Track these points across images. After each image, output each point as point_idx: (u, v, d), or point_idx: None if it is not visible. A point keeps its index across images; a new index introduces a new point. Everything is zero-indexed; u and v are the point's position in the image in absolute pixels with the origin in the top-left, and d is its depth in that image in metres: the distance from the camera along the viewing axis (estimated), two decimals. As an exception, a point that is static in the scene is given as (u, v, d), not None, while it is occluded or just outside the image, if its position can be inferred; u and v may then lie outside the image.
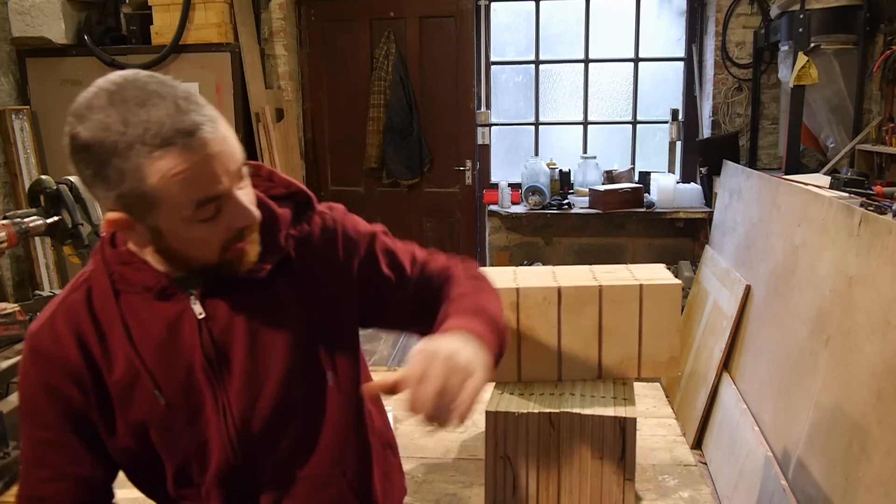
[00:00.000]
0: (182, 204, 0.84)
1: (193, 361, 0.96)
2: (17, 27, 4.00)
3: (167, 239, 0.89)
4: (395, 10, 4.40)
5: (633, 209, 4.25)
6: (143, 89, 0.83)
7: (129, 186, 0.83)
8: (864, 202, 2.59)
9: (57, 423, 0.97)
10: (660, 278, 1.35)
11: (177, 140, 0.81)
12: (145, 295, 0.96)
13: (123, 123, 0.81)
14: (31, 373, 0.98)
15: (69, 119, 0.87)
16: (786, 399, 2.45)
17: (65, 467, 0.98)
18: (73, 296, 0.99)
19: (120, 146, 0.81)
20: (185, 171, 0.82)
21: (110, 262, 0.97)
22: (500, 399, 1.27)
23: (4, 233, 1.78)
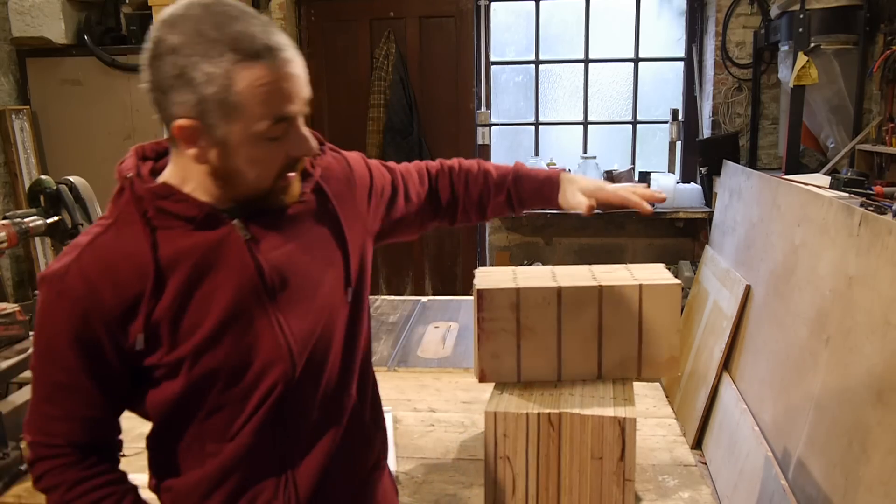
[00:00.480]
0: (259, 116, 0.88)
1: (243, 282, 0.97)
2: (17, 27, 4.00)
3: (231, 154, 0.91)
4: (395, 10, 4.40)
5: (633, 209, 4.24)
6: (234, 6, 0.89)
7: (213, 90, 0.86)
8: (864, 202, 2.59)
9: (77, 368, 0.96)
10: (660, 278, 1.35)
11: (265, 54, 0.86)
12: (185, 227, 0.95)
13: (217, 31, 0.86)
14: (57, 316, 0.94)
15: (157, 26, 0.89)
16: (786, 399, 2.45)
17: (76, 409, 0.98)
18: (102, 238, 0.96)
19: (212, 51, 0.85)
20: (270, 85, 0.87)
21: (144, 198, 0.95)
22: (500, 399, 1.27)
23: (4, 233, 1.77)
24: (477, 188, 1.29)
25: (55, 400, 0.97)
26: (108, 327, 0.94)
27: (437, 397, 1.81)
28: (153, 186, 0.96)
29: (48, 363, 0.97)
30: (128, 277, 0.94)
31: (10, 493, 1.38)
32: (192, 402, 0.99)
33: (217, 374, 0.97)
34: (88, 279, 0.93)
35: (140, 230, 0.95)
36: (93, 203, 2.02)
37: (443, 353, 2.09)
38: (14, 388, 1.66)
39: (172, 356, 0.96)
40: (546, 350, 1.33)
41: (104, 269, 0.94)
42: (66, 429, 0.98)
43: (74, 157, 4.15)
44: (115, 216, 0.97)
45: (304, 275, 1.02)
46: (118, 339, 0.95)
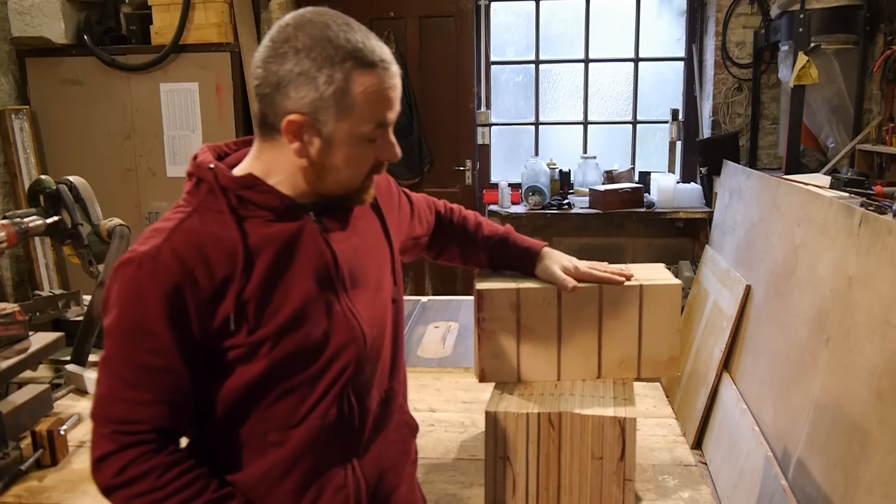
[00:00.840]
0: (366, 118, 0.97)
1: (320, 269, 1.04)
2: (17, 27, 4.00)
3: (332, 151, 0.99)
4: (395, 10, 4.39)
5: (633, 209, 4.25)
6: (354, 21, 1.00)
7: (333, 91, 0.95)
8: (864, 202, 2.59)
9: (169, 349, 0.96)
10: (660, 278, 1.35)
11: (379, 64, 0.97)
12: (266, 216, 1.01)
13: (342, 39, 0.96)
14: (150, 296, 0.94)
15: (283, 27, 0.98)
16: (786, 399, 2.45)
17: (165, 393, 0.97)
18: (188, 222, 0.99)
19: (336, 56, 0.95)
20: (379, 92, 0.97)
21: (229, 188, 1.00)
22: (500, 399, 1.27)
23: (4, 233, 1.77)
24: (468, 236, 1.41)
25: (142, 384, 0.96)
26: (199, 307, 0.96)
27: (437, 397, 1.81)
28: (239, 177, 1.01)
29: (136, 346, 0.96)
30: (218, 258, 0.97)
31: (10, 493, 1.38)
32: (265, 387, 1.01)
33: (295, 356, 1.01)
34: (182, 259, 0.96)
35: (226, 217, 0.99)
36: (93, 203, 2.02)
37: (443, 353, 2.09)
38: (14, 388, 1.66)
39: (256, 336, 0.99)
40: (546, 350, 1.33)
41: (196, 250, 0.97)
42: (152, 413, 0.97)
43: (74, 157, 4.15)
44: (196, 205, 1.01)
45: (366, 268, 1.12)
46: (206, 321, 0.97)
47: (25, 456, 1.45)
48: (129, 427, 0.97)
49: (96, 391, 0.99)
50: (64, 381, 1.86)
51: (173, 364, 0.97)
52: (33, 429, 1.47)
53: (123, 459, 0.96)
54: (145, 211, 4.21)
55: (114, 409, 0.97)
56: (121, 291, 0.96)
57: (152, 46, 4.07)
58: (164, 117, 4.14)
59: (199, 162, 1.04)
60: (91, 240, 1.97)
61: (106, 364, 0.98)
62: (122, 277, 0.96)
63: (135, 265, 0.95)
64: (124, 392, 0.97)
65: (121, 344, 0.96)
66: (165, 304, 0.94)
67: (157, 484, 0.96)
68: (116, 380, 0.97)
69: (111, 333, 0.97)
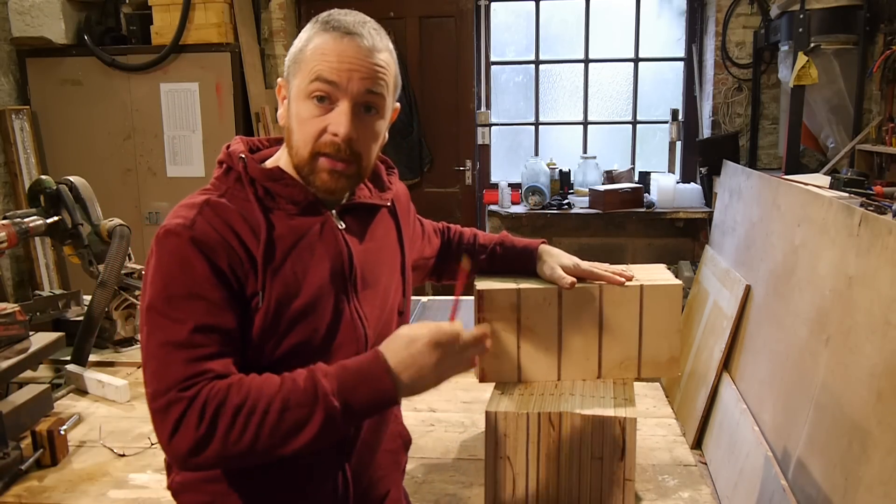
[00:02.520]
0: (308, 72, 1.01)
1: (335, 266, 1.06)
2: (17, 27, 4.00)
3: (291, 112, 1.04)
4: (395, 10, 4.39)
5: (633, 209, 4.25)
6: (362, 14, 1.09)
7: (296, 49, 1.05)
8: (864, 202, 2.60)
9: (221, 308, 0.96)
10: (660, 278, 1.35)
11: (340, 30, 1.02)
12: (289, 209, 1.05)
13: (330, 13, 1.05)
14: (194, 259, 0.96)
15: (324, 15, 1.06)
16: (786, 399, 2.45)
17: (223, 346, 0.96)
18: (217, 200, 1.02)
19: (314, 23, 1.05)
20: (328, 52, 1.01)
21: (257, 178, 1.04)
22: (500, 399, 1.27)
23: (4, 233, 1.77)
24: (467, 245, 1.44)
25: (199, 342, 0.94)
26: (235, 272, 0.98)
27: (437, 397, 1.81)
28: (267, 169, 1.06)
29: (188, 310, 0.95)
30: (246, 235, 1.00)
31: (10, 493, 1.38)
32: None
33: (299, 348, 1.02)
34: (216, 229, 0.99)
35: (252, 206, 1.03)
36: (93, 203, 2.02)
37: (443, 353, 2.09)
38: (14, 388, 1.66)
39: (270, 321, 0.99)
40: (546, 350, 1.33)
41: (227, 224, 1.00)
42: (219, 365, 0.95)
43: (74, 157, 4.15)
44: (224, 190, 1.05)
45: (378, 274, 1.13)
46: (242, 287, 0.98)
47: (25, 456, 1.45)
48: (193, 380, 0.92)
49: (146, 372, 0.96)
50: (64, 381, 1.86)
51: (228, 322, 0.97)
52: (33, 429, 1.47)
53: (200, 402, 0.91)
54: (145, 211, 4.21)
55: (171, 373, 0.93)
56: (162, 261, 0.97)
57: (152, 46, 4.07)
58: (164, 117, 4.14)
59: (230, 151, 1.08)
60: (91, 240, 1.97)
61: (152, 336, 0.95)
62: (162, 248, 0.98)
63: (174, 235, 0.97)
64: (180, 353, 0.93)
65: (171, 312, 0.95)
66: (210, 266, 0.96)
67: (245, 390, 0.92)
68: (168, 347, 0.94)
69: (158, 303, 0.96)
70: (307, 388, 0.93)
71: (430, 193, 4.63)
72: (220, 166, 1.09)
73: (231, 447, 0.90)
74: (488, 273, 1.40)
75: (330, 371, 0.95)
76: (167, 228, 0.99)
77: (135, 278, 2.05)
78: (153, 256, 0.99)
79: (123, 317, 2.07)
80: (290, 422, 0.91)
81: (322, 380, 0.93)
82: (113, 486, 1.40)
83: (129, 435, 1.60)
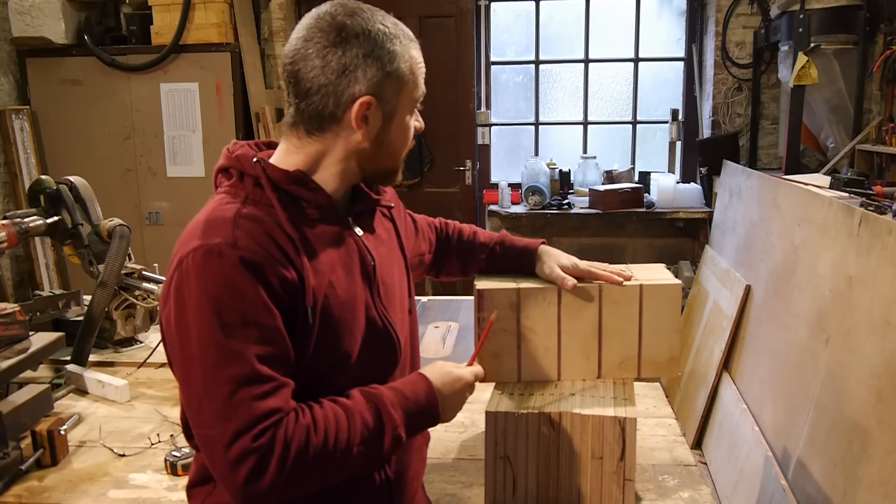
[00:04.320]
0: (415, 88, 1.06)
1: (362, 274, 1.05)
2: (17, 27, 4.00)
3: (391, 126, 1.04)
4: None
5: (633, 209, 4.25)
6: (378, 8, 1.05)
7: (396, 65, 1.01)
8: (864, 202, 2.59)
9: (278, 333, 0.91)
10: (660, 278, 1.35)
11: (415, 40, 1.07)
12: (311, 214, 1.01)
13: (391, 22, 1.04)
14: (244, 284, 0.89)
15: (334, 13, 0.99)
16: (786, 399, 2.45)
17: (282, 378, 0.92)
18: (246, 210, 0.95)
19: (391, 34, 1.02)
20: (421, 63, 1.07)
21: (281, 183, 0.99)
22: (500, 399, 1.27)
23: (4, 233, 1.78)
24: (464, 245, 1.43)
25: (262, 376, 0.89)
26: (286, 289, 0.93)
27: (437, 397, 1.81)
28: (290, 172, 1.00)
29: (244, 338, 0.88)
30: (289, 247, 0.95)
31: (10, 493, 1.38)
32: (313, 392, 0.98)
33: (343, 360, 1.00)
34: (261, 244, 0.92)
35: (276, 212, 0.97)
36: (93, 203, 2.02)
37: (443, 353, 2.09)
38: (14, 388, 1.66)
39: (316, 339, 0.96)
40: (546, 350, 1.33)
41: (269, 237, 0.94)
42: (282, 400, 0.91)
43: (74, 157, 4.15)
44: (244, 197, 0.98)
45: (392, 277, 1.13)
46: (294, 304, 0.94)
47: (25, 456, 1.45)
48: (265, 423, 0.88)
49: (202, 411, 0.89)
50: (64, 381, 1.86)
51: (284, 347, 0.92)
52: (33, 429, 1.47)
53: (277, 454, 0.88)
54: (145, 211, 4.21)
55: (239, 415, 0.87)
56: (207, 286, 0.88)
57: (152, 46, 4.07)
58: (164, 117, 4.15)
59: (239, 156, 1.01)
60: (91, 240, 1.97)
61: (207, 372, 0.88)
62: (204, 272, 0.89)
63: (216, 255, 0.89)
64: (245, 391, 0.88)
65: (225, 341, 0.88)
66: (262, 288, 0.90)
67: (321, 439, 0.91)
68: (230, 383, 0.87)
69: (207, 333, 0.88)
70: (377, 423, 0.97)
71: (430, 193, 4.63)
72: (227, 173, 1.02)
73: (311, 487, 0.94)
74: (487, 272, 1.40)
75: (395, 401, 0.99)
76: (206, 249, 0.90)
77: (135, 278, 2.05)
78: (191, 281, 0.89)
79: (123, 317, 2.07)
80: (363, 458, 0.96)
81: (392, 411, 0.98)
82: (113, 486, 1.40)
83: (129, 435, 1.60)
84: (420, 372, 1.07)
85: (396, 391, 1.01)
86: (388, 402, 0.98)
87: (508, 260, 1.39)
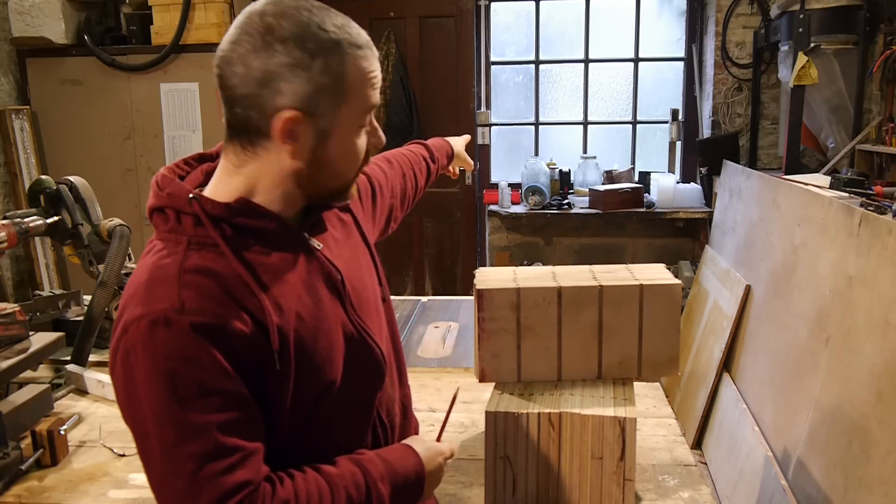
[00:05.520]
0: (361, 103, 0.91)
1: (331, 292, 0.98)
2: (17, 27, 4.00)
3: (329, 144, 0.90)
4: (395, 10, 4.39)
5: (633, 209, 4.25)
6: (328, 7, 0.91)
7: (329, 79, 0.87)
8: (864, 202, 2.59)
9: (240, 399, 0.84)
10: (660, 278, 1.35)
11: (366, 46, 0.92)
12: (261, 242, 0.91)
13: (329, 23, 0.88)
14: (198, 351, 0.81)
15: (263, 12, 0.86)
16: (786, 399, 2.45)
17: (251, 444, 0.85)
18: (190, 262, 0.86)
19: (331, 41, 0.87)
20: (369, 74, 0.92)
21: (222, 217, 0.89)
22: (500, 399, 1.27)
23: (4, 233, 1.77)
24: (411, 164, 1.57)
25: (228, 447, 0.82)
26: (247, 347, 0.85)
27: (437, 397, 1.81)
28: (231, 203, 0.90)
29: (203, 409, 0.82)
30: (244, 294, 0.86)
31: (10, 493, 1.38)
32: (304, 431, 0.94)
33: (327, 390, 0.94)
34: (211, 299, 0.84)
35: (226, 252, 0.88)
36: (93, 203, 2.02)
37: (443, 353, 2.09)
38: (14, 388, 1.66)
39: (292, 383, 0.90)
40: (546, 350, 1.33)
41: (218, 289, 0.85)
42: (253, 468, 0.84)
43: (74, 157, 4.15)
44: (185, 243, 0.88)
45: (361, 277, 1.06)
46: (255, 360, 0.86)
47: (25, 456, 1.45)
48: (236, 498, 0.82)
49: (164, 491, 0.83)
50: (64, 381, 1.86)
51: (249, 412, 0.86)
52: (33, 429, 1.47)
53: None
54: (145, 211, 4.21)
55: (206, 493, 0.81)
56: (157, 359, 0.81)
57: (152, 46, 4.07)
58: (164, 117, 4.14)
59: (171, 193, 0.92)
60: (91, 240, 1.97)
61: (167, 451, 0.82)
62: (152, 343, 0.81)
63: (162, 324, 0.81)
64: (210, 467, 0.81)
65: (183, 416, 0.81)
66: (218, 353, 0.82)
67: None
68: (192, 460, 0.81)
69: (162, 410, 0.81)
70: (363, 499, 0.92)
71: (430, 193, 4.57)
72: (162, 213, 0.92)
73: None
74: None
75: (384, 474, 0.95)
76: (151, 318, 0.82)
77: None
78: (137, 354, 0.82)
79: (123, 317, 2.06)
80: None
81: (380, 485, 0.94)
82: (113, 486, 1.40)
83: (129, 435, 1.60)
84: (408, 444, 1.03)
85: (386, 463, 0.96)
86: (376, 475, 0.94)
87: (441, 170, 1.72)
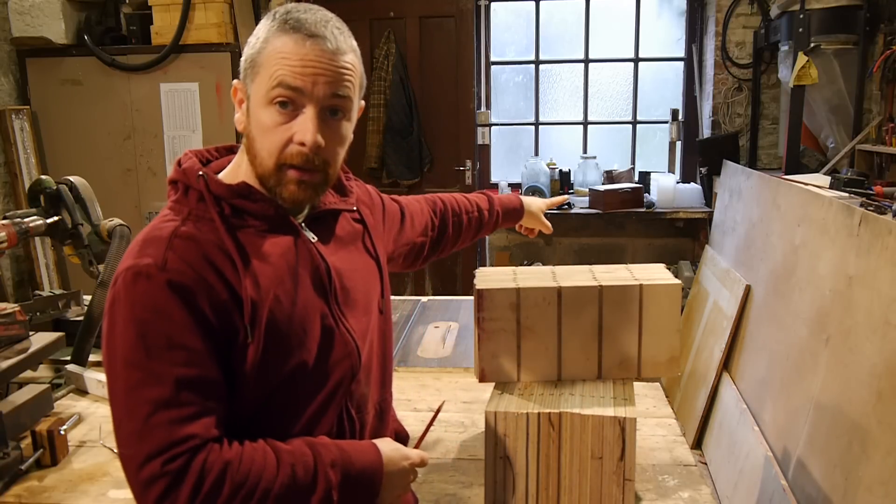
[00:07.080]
0: (269, 77, 0.95)
1: (315, 282, 1.02)
2: (17, 27, 4.00)
3: (251, 119, 0.98)
4: (395, 10, 4.39)
5: (633, 209, 4.25)
6: (325, 10, 1.00)
7: (254, 51, 0.97)
8: (864, 202, 2.59)
9: (203, 358, 0.89)
10: (660, 278, 1.35)
11: (302, 31, 0.94)
12: (259, 226, 0.99)
13: (288, 10, 0.97)
14: (170, 306, 0.88)
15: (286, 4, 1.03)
16: (786, 399, 2.45)
17: (208, 402, 0.89)
18: (184, 229, 0.94)
19: (271, 21, 0.97)
20: (289, 55, 0.94)
21: (223, 196, 0.98)
22: (500, 399, 1.27)
23: (4, 233, 1.77)
24: (469, 214, 1.58)
25: (183, 399, 0.87)
26: (217, 312, 0.91)
27: (437, 397, 1.81)
28: (233, 185, 0.99)
29: (168, 361, 0.88)
30: (226, 266, 0.93)
31: (10, 493, 1.38)
32: (268, 405, 0.97)
33: (297, 371, 0.98)
34: (191, 264, 0.91)
35: (219, 227, 0.96)
36: (93, 203, 2.02)
37: (443, 353, 2.09)
38: (14, 388, 1.66)
39: (263, 351, 0.94)
40: (546, 350, 1.33)
41: (201, 256, 0.92)
42: (203, 425, 0.88)
43: (74, 157, 4.15)
44: (186, 213, 0.97)
45: (355, 280, 1.10)
46: (225, 327, 0.92)
47: (25, 456, 1.45)
48: (180, 448, 0.86)
49: (121, 430, 0.88)
50: (64, 381, 1.86)
51: (211, 372, 0.90)
52: (33, 429, 1.47)
53: (189, 484, 0.85)
54: (145, 211, 4.21)
55: (154, 437, 0.86)
56: (135, 307, 0.89)
57: (152, 46, 4.07)
58: (164, 117, 4.14)
59: (185, 169, 1.00)
60: (91, 240, 1.97)
61: (129, 392, 0.88)
62: (132, 292, 0.89)
63: (144, 278, 0.89)
64: (162, 414, 0.86)
65: (147, 363, 0.87)
66: (189, 311, 0.89)
67: (240, 473, 0.88)
68: (149, 405, 0.86)
69: (131, 355, 0.88)
70: (308, 478, 0.92)
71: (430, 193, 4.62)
72: (175, 186, 1.00)
73: None
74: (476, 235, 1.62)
75: (336, 460, 0.95)
76: (135, 270, 0.89)
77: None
78: (121, 301, 0.89)
79: (123, 317, 2.06)
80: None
81: (329, 471, 0.93)
82: (113, 486, 1.40)
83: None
84: (373, 441, 1.04)
85: (342, 451, 0.97)
86: (327, 459, 0.94)
87: (498, 225, 1.66)
